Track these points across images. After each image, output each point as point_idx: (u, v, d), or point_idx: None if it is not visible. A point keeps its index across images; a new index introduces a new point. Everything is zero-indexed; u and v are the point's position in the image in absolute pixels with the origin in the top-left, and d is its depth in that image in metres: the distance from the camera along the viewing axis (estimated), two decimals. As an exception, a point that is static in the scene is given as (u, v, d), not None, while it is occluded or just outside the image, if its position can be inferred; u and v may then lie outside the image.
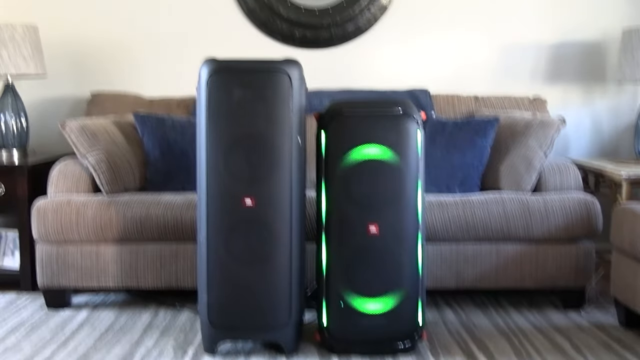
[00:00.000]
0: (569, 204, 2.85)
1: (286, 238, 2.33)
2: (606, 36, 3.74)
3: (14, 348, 2.51)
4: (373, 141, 2.35)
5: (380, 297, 2.38)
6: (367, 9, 3.70)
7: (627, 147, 3.77)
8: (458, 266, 2.85)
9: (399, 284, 2.38)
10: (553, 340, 2.58)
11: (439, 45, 3.76)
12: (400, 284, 2.38)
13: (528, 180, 3.00)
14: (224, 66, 2.31)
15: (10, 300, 3.11)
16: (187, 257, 2.87)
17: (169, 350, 2.48)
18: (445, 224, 2.82)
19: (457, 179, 3.12)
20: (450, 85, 3.73)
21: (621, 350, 2.47)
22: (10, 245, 3.37)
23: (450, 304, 3.04)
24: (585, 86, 3.78)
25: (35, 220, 2.88)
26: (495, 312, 2.92)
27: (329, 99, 3.41)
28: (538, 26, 3.75)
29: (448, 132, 3.20)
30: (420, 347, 2.49)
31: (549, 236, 2.85)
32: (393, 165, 2.35)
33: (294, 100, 2.32)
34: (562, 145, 3.74)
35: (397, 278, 2.37)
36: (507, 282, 2.88)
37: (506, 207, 2.84)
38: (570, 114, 3.75)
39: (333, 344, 2.43)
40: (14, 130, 3.48)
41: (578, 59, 3.76)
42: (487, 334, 2.65)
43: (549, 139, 3.05)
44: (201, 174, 2.32)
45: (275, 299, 2.35)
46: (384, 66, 3.77)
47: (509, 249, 2.86)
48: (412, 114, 2.37)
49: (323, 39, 3.73)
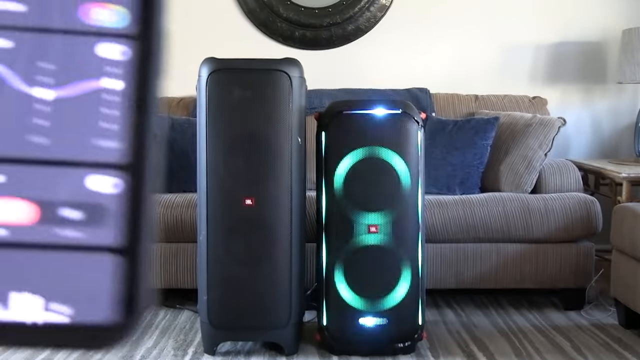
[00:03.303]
0: (569, 204, 2.85)
1: (286, 238, 2.33)
2: (606, 36, 3.74)
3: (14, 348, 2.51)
4: (373, 141, 2.35)
5: (380, 297, 2.38)
6: (367, 9, 3.70)
7: (627, 147, 3.77)
8: (458, 266, 2.85)
9: (399, 284, 2.38)
10: (553, 340, 2.58)
11: (439, 45, 3.75)
12: (400, 284, 2.38)
13: (528, 180, 3.00)
14: (223, 66, 2.30)
15: (10, 300, 3.11)
16: (187, 257, 2.86)
17: (169, 350, 2.47)
18: (445, 224, 2.82)
19: (457, 179, 3.12)
20: (450, 85, 3.73)
21: (621, 350, 2.47)
22: (10, 245, 3.37)
23: (450, 304, 3.04)
24: (585, 86, 3.77)
25: (35, 220, 2.87)
26: (495, 312, 2.92)
27: (329, 99, 3.41)
28: (538, 26, 3.74)
29: (448, 132, 3.20)
30: (420, 347, 2.49)
31: (549, 236, 2.84)
32: (393, 165, 2.35)
33: (294, 100, 2.32)
34: (562, 146, 3.74)
35: (397, 278, 2.37)
36: (507, 282, 2.88)
37: (506, 207, 2.84)
38: (570, 114, 3.74)
39: (333, 344, 2.42)
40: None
41: (578, 59, 3.76)
42: (487, 334, 2.65)
43: (549, 139, 3.05)
44: (201, 174, 2.32)
45: (275, 299, 2.34)
46: (384, 66, 3.77)
47: (509, 249, 2.86)
48: (412, 114, 2.37)
49: (323, 38, 3.73)
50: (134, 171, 0.27)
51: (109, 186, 0.27)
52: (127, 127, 0.28)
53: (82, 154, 0.27)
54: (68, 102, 0.27)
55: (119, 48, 0.28)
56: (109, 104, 0.28)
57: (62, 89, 0.27)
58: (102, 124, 0.27)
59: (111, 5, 0.28)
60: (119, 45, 0.28)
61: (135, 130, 0.27)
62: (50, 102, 0.27)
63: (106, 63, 0.28)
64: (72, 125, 0.27)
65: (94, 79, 0.28)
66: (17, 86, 0.27)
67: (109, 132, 0.27)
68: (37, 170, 0.27)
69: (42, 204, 0.27)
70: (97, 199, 0.27)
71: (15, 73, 0.27)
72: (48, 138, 0.27)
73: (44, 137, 0.27)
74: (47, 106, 0.27)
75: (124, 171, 0.27)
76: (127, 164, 0.27)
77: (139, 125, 0.27)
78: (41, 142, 0.27)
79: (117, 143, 0.27)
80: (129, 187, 0.27)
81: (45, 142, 0.27)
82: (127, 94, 0.28)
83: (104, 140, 0.27)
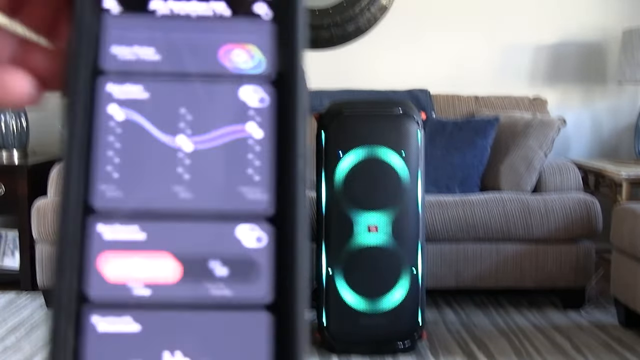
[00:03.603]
0: (569, 204, 2.85)
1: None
2: (606, 36, 3.74)
3: (13, 348, 2.51)
4: (373, 141, 2.35)
5: (380, 297, 2.38)
6: (367, 9, 3.70)
7: (627, 148, 3.77)
8: (458, 266, 2.85)
9: (398, 284, 2.38)
10: (553, 340, 2.58)
11: (439, 45, 3.76)
12: (400, 283, 2.38)
13: (528, 180, 3.00)
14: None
15: (10, 300, 3.11)
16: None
17: (169, 350, 2.47)
18: (445, 224, 2.82)
19: (457, 179, 3.12)
20: (450, 85, 3.73)
21: (621, 350, 2.47)
22: (10, 245, 3.37)
23: (450, 304, 3.04)
24: (585, 86, 3.78)
25: (35, 220, 2.88)
26: (495, 312, 2.92)
27: (329, 99, 3.41)
28: (538, 26, 3.75)
29: (448, 132, 3.20)
30: (420, 347, 2.49)
31: (549, 236, 2.85)
32: (393, 166, 2.35)
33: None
34: (562, 146, 3.74)
35: (397, 278, 2.37)
36: (507, 282, 2.88)
37: (506, 207, 2.84)
38: (570, 114, 3.75)
39: (333, 343, 2.43)
40: (14, 130, 3.48)
41: (578, 59, 3.76)
42: (487, 334, 2.65)
43: (549, 139, 3.05)
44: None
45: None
46: (384, 66, 3.77)
47: (509, 249, 2.86)
48: (412, 114, 2.37)
49: (323, 39, 3.73)
50: (282, 221, 0.26)
51: (256, 238, 0.26)
52: (273, 175, 0.26)
53: (228, 205, 0.26)
54: (210, 151, 0.26)
55: (261, 92, 0.27)
56: (253, 151, 0.27)
57: (204, 137, 0.27)
58: (247, 173, 0.26)
59: (251, 47, 0.27)
60: (260, 89, 0.27)
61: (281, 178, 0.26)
62: (191, 152, 0.26)
63: (249, 108, 0.27)
64: (215, 175, 0.26)
65: (237, 125, 0.27)
66: (157, 136, 0.26)
67: (255, 181, 0.26)
68: (180, 224, 0.26)
69: (187, 260, 0.26)
70: (245, 252, 0.26)
71: (153, 123, 0.26)
72: (191, 189, 0.26)
73: (187, 188, 0.26)
74: (188, 156, 0.26)
75: (272, 222, 0.26)
76: (275, 214, 0.26)
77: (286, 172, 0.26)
78: (184, 194, 0.26)
79: (264, 192, 0.26)
80: (278, 238, 0.26)
81: (188, 194, 0.26)
82: (271, 140, 0.27)
83: (250, 190, 0.26)
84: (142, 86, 0.27)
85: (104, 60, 0.27)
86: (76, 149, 0.26)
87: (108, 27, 0.27)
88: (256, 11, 0.28)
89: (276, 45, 0.28)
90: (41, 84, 0.29)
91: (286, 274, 0.26)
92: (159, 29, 0.28)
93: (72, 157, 0.26)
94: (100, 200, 0.26)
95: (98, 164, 0.26)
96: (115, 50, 0.27)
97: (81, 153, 0.26)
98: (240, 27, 0.28)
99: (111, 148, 0.26)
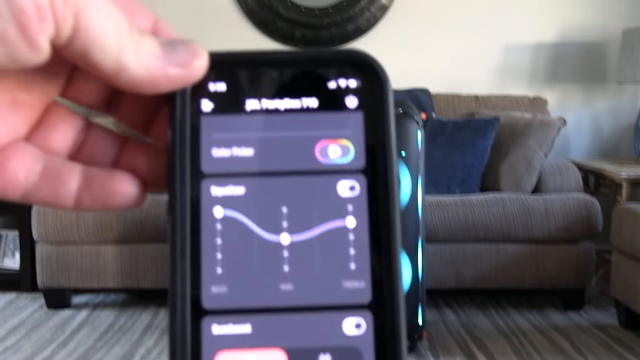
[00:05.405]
0: (569, 204, 2.85)
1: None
2: (606, 36, 3.74)
3: (13, 348, 2.51)
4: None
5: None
6: (367, 9, 3.70)
7: (627, 148, 3.77)
8: (458, 266, 2.85)
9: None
10: (553, 340, 2.58)
11: (439, 45, 3.76)
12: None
13: (528, 180, 3.00)
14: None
15: (10, 300, 3.11)
16: (187, 257, 2.86)
17: (169, 350, 2.47)
18: (445, 224, 2.82)
19: (457, 179, 3.12)
20: (450, 85, 3.73)
21: (621, 350, 2.47)
22: (10, 245, 3.37)
23: (450, 304, 3.04)
24: (586, 86, 3.78)
25: (36, 221, 2.88)
26: (495, 312, 2.92)
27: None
28: (538, 26, 3.75)
29: (448, 132, 3.20)
30: (420, 347, 2.49)
31: (549, 236, 2.84)
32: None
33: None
34: (562, 146, 3.74)
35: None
36: (507, 282, 2.88)
37: (506, 207, 2.84)
38: (570, 114, 3.75)
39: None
40: (14, 130, 3.48)
41: (578, 59, 3.76)
42: (487, 334, 2.65)
43: (549, 139, 3.05)
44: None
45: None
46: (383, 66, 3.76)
47: (509, 249, 2.86)
48: (412, 114, 2.37)
49: (323, 39, 3.73)
50: (382, 310, 0.27)
51: (359, 328, 0.27)
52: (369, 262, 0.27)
53: (330, 296, 0.27)
54: (309, 242, 0.27)
55: (354, 183, 0.28)
56: (350, 242, 0.27)
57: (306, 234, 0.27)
58: (344, 262, 0.27)
59: (345, 142, 0.28)
60: (355, 181, 0.28)
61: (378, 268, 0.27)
62: (291, 246, 0.27)
63: (347, 202, 0.28)
64: (315, 267, 0.27)
65: (337, 220, 0.27)
66: (260, 234, 0.27)
67: (353, 272, 0.27)
68: (287, 319, 0.27)
69: (297, 355, 0.26)
70: (349, 342, 0.26)
71: (256, 222, 0.27)
72: (293, 283, 0.27)
73: (289, 282, 0.27)
74: (288, 250, 0.27)
75: (373, 311, 0.27)
76: (375, 303, 0.27)
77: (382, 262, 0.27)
78: (287, 288, 0.27)
79: (363, 283, 0.27)
80: (379, 327, 0.27)
81: (291, 287, 0.27)
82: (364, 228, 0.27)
83: (350, 282, 0.27)
84: (243, 186, 0.28)
85: (205, 162, 0.28)
86: (184, 251, 0.27)
87: (207, 129, 0.28)
88: (347, 104, 0.29)
89: (368, 136, 0.28)
90: (143, 185, 0.29)
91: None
92: (256, 128, 0.28)
93: (181, 259, 0.27)
94: (211, 301, 0.27)
95: (206, 265, 0.27)
96: (216, 152, 0.28)
97: (189, 254, 0.27)
98: (334, 121, 0.28)
99: (217, 249, 0.27)
